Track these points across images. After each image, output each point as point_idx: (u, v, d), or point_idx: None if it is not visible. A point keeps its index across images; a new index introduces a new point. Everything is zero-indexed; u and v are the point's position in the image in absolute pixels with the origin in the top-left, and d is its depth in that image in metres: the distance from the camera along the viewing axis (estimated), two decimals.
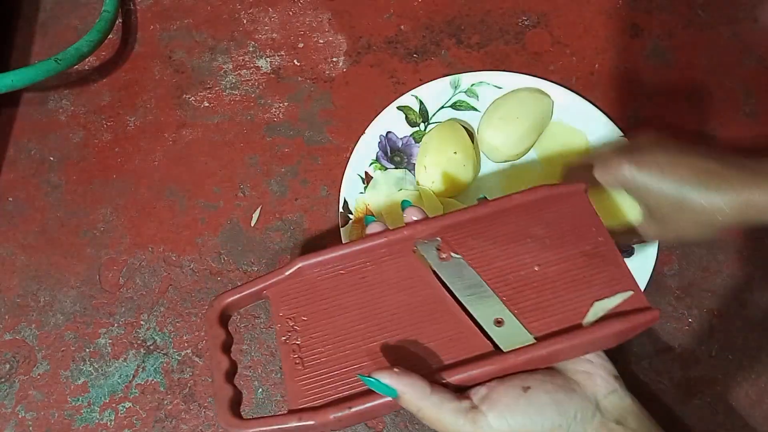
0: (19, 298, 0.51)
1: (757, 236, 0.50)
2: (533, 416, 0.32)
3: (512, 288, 0.35)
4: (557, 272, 0.35)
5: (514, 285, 0.35)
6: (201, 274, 0.51)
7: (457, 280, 0.35)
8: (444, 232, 0.37)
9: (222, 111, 0.57)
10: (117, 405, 0.47)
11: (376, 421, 0.46)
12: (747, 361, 0.47)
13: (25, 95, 0.58)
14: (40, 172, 0.55)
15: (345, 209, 0.50)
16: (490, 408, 0.32)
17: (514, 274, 0.35)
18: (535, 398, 0.32)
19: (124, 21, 0.61)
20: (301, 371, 0.34)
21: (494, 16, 0.60)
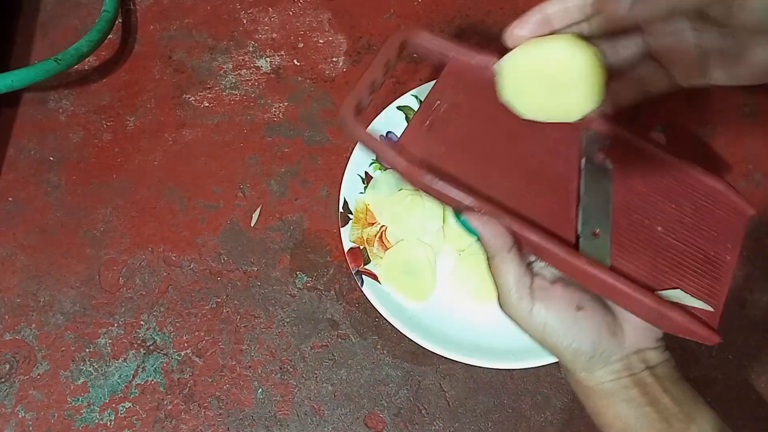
0: (19, 298, 0.51)
1: (757, 236, 0.50)
2: (569, 331, 0.33)
3: (628, 225, 0.35)
4: (672, 246, 0.35)
5: (632, 225, 0.35)
6: (201, 274, 0.51)
7: (592, 182, 0.36)
8: (617, 140, 0.38)
9: (222, 111, 0.57)
10: (117, 405, 0.47)
11: (375, 421, 0.46)
12: (747, 361, 0.47)
13: (25, 95, 0.58)
14: (40, 172, 0.55)
15: (345, 209, 0.50)
16: (541, 299, 0.34)
17: (639, 218, 0.36)
18: (581, 320, 0.34)
19: (124, 21, 0.61)
20: (425, 132, 0.35)
21: (494, 16, 0.60)
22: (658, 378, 0.34)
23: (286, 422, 0.46)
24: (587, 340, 0.34)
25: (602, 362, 0.34)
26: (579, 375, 0.35)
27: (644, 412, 0.33)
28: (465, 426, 0.46)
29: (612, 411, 0.34)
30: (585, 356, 0.34)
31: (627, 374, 0.34)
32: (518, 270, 0.33)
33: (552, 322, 0.33)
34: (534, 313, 0.33)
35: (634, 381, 0.34)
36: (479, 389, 0.47)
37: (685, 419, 0.33)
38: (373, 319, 0.49)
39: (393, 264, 0.49)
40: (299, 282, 0.50)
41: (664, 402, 0.34)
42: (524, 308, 0.34)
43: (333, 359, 0.48)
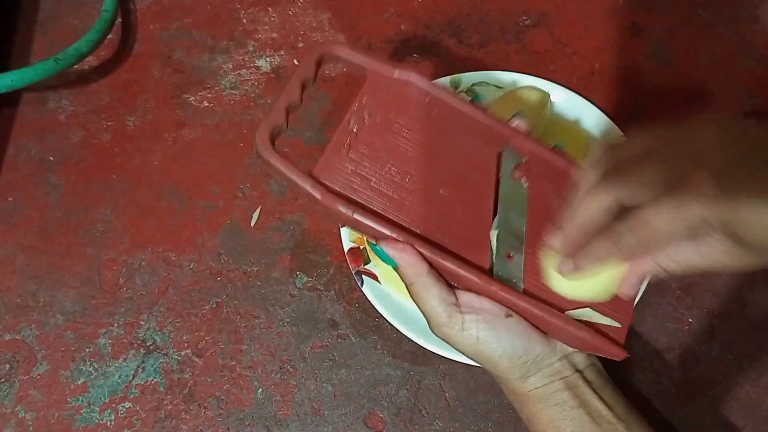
0: (19, 298, 0.51)
1: None
2: (503, 338, 0.34)
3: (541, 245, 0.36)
4: None
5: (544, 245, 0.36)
6: (201, 274, 0.51)
7: (507, 200, 0.36)
8: (533, 156, 0.38)
9: (222, 111, 0.57)
10: (117, 405, 0.47)
11: (375, 421, 0.46)
12: (747, 361, 0.47)
13: (24, 95, 0.58)
14: (40, 172, 0.55)
15: None
16: (470, 313, 0.34)
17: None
18: (512, 326, 0.34)
19: (124, 21, 0.61)
20: (343, 156, 0.35)
21: (494, 15, 0.60)
22: (588, 381, 0.35)
23: (286, 422, 0.46)
24: (520, 344, 0.34)
25: (536, 367, 0.35)
26: (514, 384, 0.35)
27: (576, 414, 0.34)
28: (465, 426, 0.46)
29: (545, 416, 0.35)
30: (519, 361, 0.34)
31: (558, 378, 0.35)
32: (440, 290, 0.34)
33: (484, 333, 0.34)
34: (465, 327, 0.34)
35: (566, 384, 0.35)
36: (479, 389, 0.47)
37: (615, 421, 0.34)
38: (373, 319, 0.49)
39: None
40: (299, 282, 0.50)
41: (594, 404, 0.35)
42: (455, 325, 0.34)
43: (333, 359, 0.48)
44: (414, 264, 0.33)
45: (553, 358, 0.35)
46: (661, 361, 0.47)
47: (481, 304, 0.34)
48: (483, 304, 0.34)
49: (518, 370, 0.35)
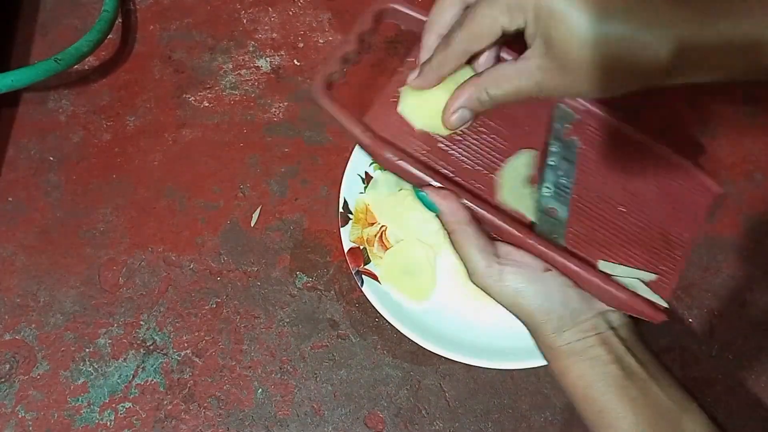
0: (19, 298, 0.51)
1: (757, 236, 0.50)
2: (539, 291, 0.34)
3: (589, 202, 0.36)
4: (630, 224, 0.36)
5: (592, 201, 0.36)
6: (201, 274, 0.51)
7: (556, 155, 0.36)
8: (587, 116, 0.38)
9: (222, 111, 0.57)
10: (117, 405, 0.47)
11: (375, 421, 0.46)
12: (747, 361, 0.47)
13: (25, 95, 0.58)
14: (40, 172, 0.55)
15: (345, 209, 0.50)
16: (509, 264, 0.34)
17: (600, 195, 0.36)
18: (550, 280, 0.34)
19: (124, 21, 0.61)
20: (392, 106, 0.35)
21: None
22: (622, 338, 0.35)
23: (286, 422, 0.46)
24: (557, 299, 0.34)
25: (571, 322, 0.34)
26: (548, 337, 0.35)
27: (609, 369, 0.34)
28: (465, 426, 0.46)
29: (577, 370, 0.34)
30: (556, 315, 0.34)
31: (593, 333, 0.35)
32: (480, 240, 0.34)
33: (522, 285, 0.34)
34: (504, 278, 0.34)
35: (600, 340, 0.34)
36: (479, 389, 0.47)
37: (647, 378, 0.34)
38: (373, 319, 0.49)
39: (393, 264, 0.49)
40: (299, 282, 0.50)
41: (627, 360, 0.34)
42: (494, 274, 0.34)
43: (333, 359, 0.48)
44: (456, 212, 0.33)
45: (589, 314, 0.35)
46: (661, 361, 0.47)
47: (520, 257, 0.34)
48: (523, 257, 0.34)
49: (553, 323, 0.34)
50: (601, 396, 0.34)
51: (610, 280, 0.34)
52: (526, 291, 0.34)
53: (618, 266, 0.35)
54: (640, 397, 0.33)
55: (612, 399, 0.33)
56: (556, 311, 0.34)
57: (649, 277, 0.35)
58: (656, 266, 0.35)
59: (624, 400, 0.33)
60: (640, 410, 0.33)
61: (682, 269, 0.36)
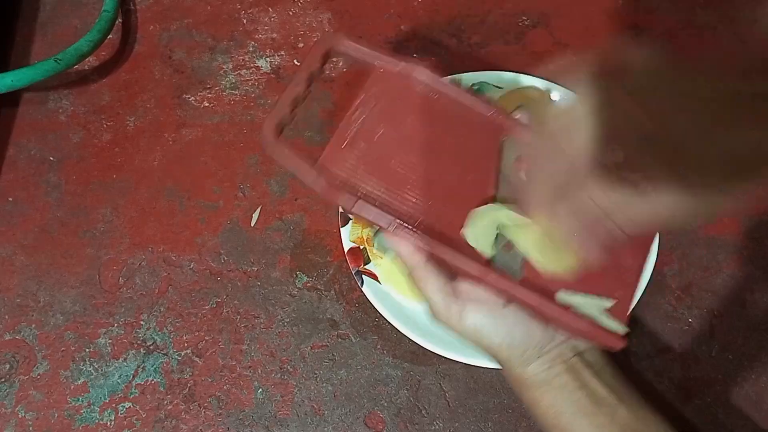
0: (19, 298, 0.51)
1: (757, 236, 0.50)
2: (501, 327, 0.34)
3: None
4: None
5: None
6: (201, 274, 0.51)
7: (507, 193, 0.36)
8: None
9: (222, 111, 0.57)
10: (117, 405, 0.47)
11: (375, 421, 0.46)
12: (747, 361, 0.47)
13: (25, 95, 0.58)
14: (40, 172, 0.55)
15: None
16: (468, 302, 0.34)
17: None
18: (510, 314, 0.34)
19: (124, 21, 0.61)
20: (347, 146, 0.35)
21: (494, 16, 0.60)
22: (588, 363, 0.36)
23: (286, 422, 0.46)
24: (519, 332, 0.34)
25: (536, 353, 0.35)
26: (515, 371, 0.35)
27: (576, 396, 0.34)
28: (465, 426, 0.46)
29: (546, 400, 0.35)
30: (519, 349, 0.34)
31: (559, 362, 0.35)
32: (439, 279, 0.34)
33: (483, 321, 0.34)
34: (464, 316, 0.34)
35: (566, 368, 0.35)
36: (479, 389, 0.47)
37: (615, 402, 0.34)
38: (373, 319, 0.49)
39: (393, 264, 0.49)
40: (299, 282, 0.50)
41: (593, 386, 0.35)
42: (454, 314, 0.34)
43: (333, 359, 0.48)
44: (412, 254, 0.34)
45: (553, 344, 0.35)
46: (661, 361, 0.47)
47: (479, 294, 0.34)
48: (482, 294, 0.34)
49: (518, 357, 0.35)
50: (570, 424, 0.34)
51: (569, 312, 0.34)
52: (487, 328, 0.34)
53: (576, 296, 0.35)
54: (607, 424, 0.34)
55: (581, 425, 0.34)
56: (519, 345, 0.34)
57: (607, 304, 0.35)
58: (612, 292, 0.35)
59: (592, 427, 0.34)
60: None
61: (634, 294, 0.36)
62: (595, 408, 0.34)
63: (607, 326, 0.34)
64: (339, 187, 0.34)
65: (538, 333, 0.35)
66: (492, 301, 0.34)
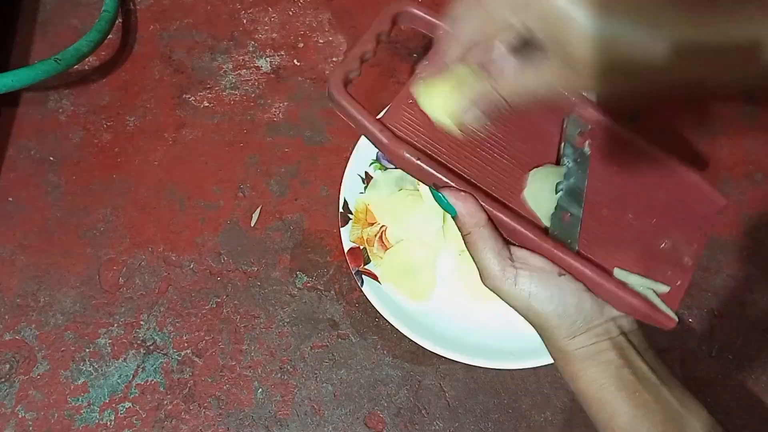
0: (19, 298, 0.51)
1: (757, 236, 0.50)
2: (554, 296, 0.34)
3: (601, 210, 0.36)
4: (641, 233, 0.36)
5: (604, 210, 0.36)
6: (201, 274, 0.51)
7: (569, 164, 0.37)
8: (598, 126, 0.38)
9: (222, 111, 0.57)
10: (117, 405, 0.47)
11: (375, 421, 0.46)
12: (747, 361, 0.47)
13: (25, 95, 0.58)
14: (40, 172, 0.55)
15: (345, 209, 0.50)
16: (524, 268, 0.34)
17: (612, 204, 0.36)
18: (564, 284, 0.34)
19: (124, 21, 0.61)
20: (411, 106, 0.35)
21: None
22: (633, 343, 0.35)
23: (286, 422, 0.46)
24: (571, 303, 0.34)
25: (584, 326, 0.35)
26: (561, 341, 0.35)
27: (621, 373, 0.34)
28: (465, 426, 0.46)
29: (589, 374, 0.35)
30: (569, 320, 0.34)
31: (606, 338, 0.35)
32: (496, 242, 0.34)
33: (536, 289, 0.34)
34: (518, 282, 0.34)
35: (612, 344, 0.35)
36: (479, 389, 0.47)
37: (659, 383, 0.34)
38: (373, 319, 0.49)
39: (393, 264, 0.49)
40: (299, 282, 0.50)
41: (639, 365, 0.34)
42: (508, 278, 0.34)
43: (333, 359, 0.48)
44: (473, 213, 0.33)
45: (601, 319, 0.35)
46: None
47: (535, 262, 0.34)
48: (537, 261, 0.34)
49: (567, 328, 0.34)
50: (613, 399, 0.34)
51: (627, 288, 0.34)
52: (540, 295, 0.34)
53: (632, 275, 0.35)
54: (651, 402, 0.33)
55: (625, 402, 0.33)
56: (569, 316, 0.34)
57: (662, 288, 0.35)
58: (666, 276, 0.36)
59: (636, 404, 0.33)
60: (652, 414, 0.33)
61: (690, 281, 0.36)
62: (639, 386, 0.34)
63: (660, 308, 0.34)
64: (401, 143, 0.33)
65: (589, 306, 0.35)
66: (547, 269, 0.34)
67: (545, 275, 0.34)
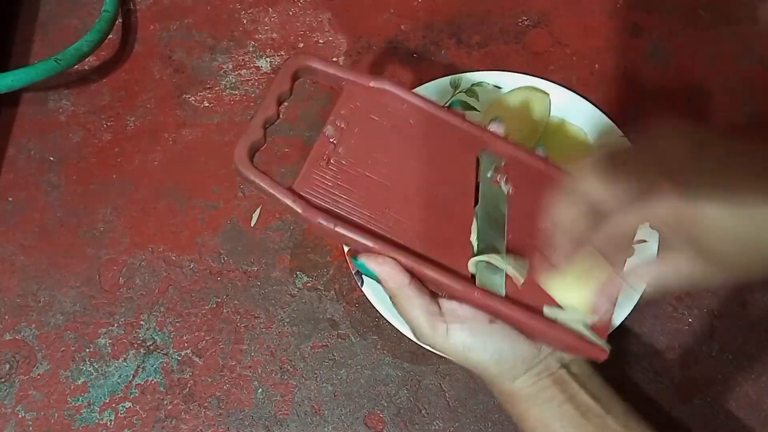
0: (19, 298, 0.51)
1: None
2: (488, 344, 0.34)
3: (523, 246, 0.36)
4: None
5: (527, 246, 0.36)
6: (201, 274, 0.51)
7: (487, 204, 0.36)
8: (510, 159, 0.38)
9: (222, 111, 0.57)
10: (117, 405, 0.47)
11: (375, 421, 0.46)
12: (747, 361, 0.47)
13: (25, 95, 0.58)
14: (40, 172, 0.55)
15: None
16: (453, 321, 0.34)
17: (535, 235, 0.36)
18: (497, 331, 0.34)
19: (124, 21, 0.61)
20: (322, 168, 0.35)
21: (494, 16, 0.60)
22: (574, 375, 0.36)
23: (286, 422, 0.46)
24: (507, 348, 0.34)
25: (523, 368, 0.35)
26: (503, 386, 0.36)
27: (564, 409, 0.35)
28: (465, 426, 0.46)
29: (535, 413, 0.35)
30: (507, 365, 0.34)
31: (546, 374, 0.35)
32: (423, 300, 0.34)
33: (469, 339, 0.34)
34: (450, 335, 0.34)
35: (553, 380, 0.35)
36: (479, 389, 0.47)
37: (602, 413, 0.34)
38: (373, 319, 0.49)
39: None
40: (299, 282, 0.50)
41: (581, 397, 0.35)
42: (440, 334, 0.34)
43: (333, 359, 0.48)
44: (395, 276, 0.33)
45: (539, 357, 0.35)
46: (661, 361, 0.47)
47: (464, 312, 0.34)
48: (466, 312, 0.34)
49: (507, 373, 0.35)
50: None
51: (557, 326, 0.34)
52: (474, 345, 0.34)
53: (561, 311, 0.35)
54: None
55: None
56: (506, 362, 0.34)
57: (591, 318, 0.35)
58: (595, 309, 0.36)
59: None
60: None
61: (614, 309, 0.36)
62: (583, 420, 0.34)
63: (592, 340, 0.34)
64: (317, 209, 0.33)
65: (525, 347, 0.35)
66: (477, 318, 0.34)
67: (476, 324, 0.34)
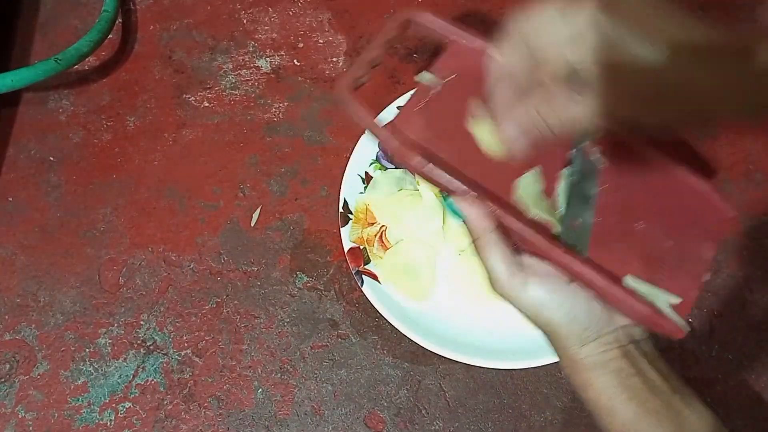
0: (19, 298, 0.51)
1: (757, 236, 0.50)
2: (564, 303, 0.34)
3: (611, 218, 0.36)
4: (651, 242, 0.36)
5: (614, 218, 0.36)
6: (201, 274, 0.51)
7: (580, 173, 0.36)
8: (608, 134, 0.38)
9: (222, 111, 0.57)
10: (117, 405, 0.47)
11: (375, 421, 0.46)
12: (747, 361, 0.47)
13: (25, 95, 0.58)
14: (40, 172, 0.55)
15: (345, 209, 0.50)
16: (533, 275, 0.34)
17: (622, 212, 0.36)
18: (574, 292, 0.34)
19: (124, 21, 0.61)
20: (419, 113, 0.35)
21: (495, 16, 0.60)
22: (644, 352, 0.35)
23: (286, 422, 0.46)
24: (581, 310, 0.34)
25: (594, 334, 0.34)
26: (571, 350, 0.35)
27: (632, 382, 0.34)
28: (465, 426, 0.46)
29: (600, 382, 0.34)
30: (579, 328, 0.34)
31: (616, 346, 0.34)
32: (505, 249, 0.34)
33: (546, 296, 0.33)
34: (527, 289, 0.34)
35: (623, 353, 0.34)
36: (479, 389, 0.47)
37: (670, 392, 0.34)
38: (373, 319, 0.49)
39: (393, 264, 0.49)
40: (299, 282, 0.50)
41: (650, 374, 0.34)
42: (517, 285, 0.34)
43: (333, 359, 0.48)
44: (482, 219, 0.33)
45: (611, 327, 0.35)
46: None
47: (543, 268, 0.34)
48: (546, 268, 0.34)
49: (576, 336, 0.34)
50: (625, 408, 0.33)
51: (636, 296, 0.34)
52: (549, 303, 0.33)
53: (643, 284, 0.34)
54: (663, 410, 0.33)
55: (636, 412, 0.33)
56: (579, 323, 0.34)
57: (673, 300, 0.35)
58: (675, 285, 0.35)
59: (648, 413, 0.33)
60: (665, 423, 0.33)
61: (701, 290, 0.36)
62: (650, 395, 0.33)
63: (671, 318, 0.34)
64: (411, 148, 0.33)
65: (599, 313, 0.34)
66: (555, 277, 0.34)
67: (555, 282, 0.34)
